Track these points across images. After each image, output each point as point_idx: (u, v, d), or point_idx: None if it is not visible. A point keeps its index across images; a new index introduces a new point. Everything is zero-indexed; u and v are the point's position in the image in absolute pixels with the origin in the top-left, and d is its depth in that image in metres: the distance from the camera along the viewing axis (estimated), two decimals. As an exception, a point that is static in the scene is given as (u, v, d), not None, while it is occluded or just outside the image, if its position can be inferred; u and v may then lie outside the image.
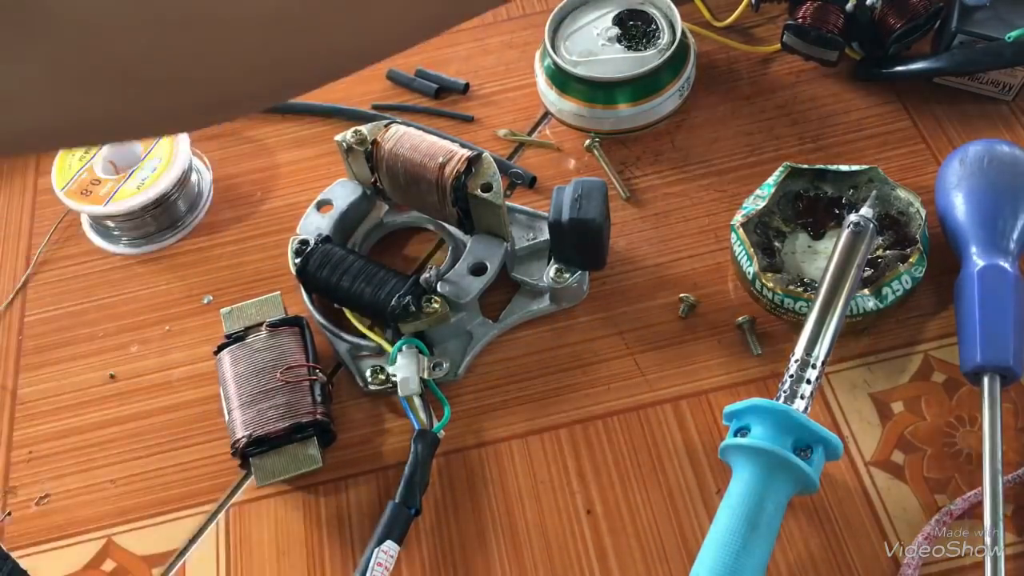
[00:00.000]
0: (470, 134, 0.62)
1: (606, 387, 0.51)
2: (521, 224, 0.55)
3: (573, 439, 0.49)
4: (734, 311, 0.52)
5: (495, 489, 0.48)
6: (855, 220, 0.48)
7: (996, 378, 0.45)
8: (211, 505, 0.50)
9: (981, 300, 0.46)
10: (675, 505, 0.46)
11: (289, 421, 0.48)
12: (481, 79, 0.64)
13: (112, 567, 0.48)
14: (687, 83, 0.59)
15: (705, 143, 0.59)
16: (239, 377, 0.50)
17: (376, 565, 0.43)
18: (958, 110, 0.58)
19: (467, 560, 0.46)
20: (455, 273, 0.51)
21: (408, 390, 0.49)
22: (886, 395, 0.48)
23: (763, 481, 0.41)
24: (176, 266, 0.59)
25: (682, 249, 0.55)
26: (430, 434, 0.48)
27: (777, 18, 0.64)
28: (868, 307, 0.48)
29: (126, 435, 0.52)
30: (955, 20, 0.56)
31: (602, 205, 0.49)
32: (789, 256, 0.52)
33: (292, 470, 0.48)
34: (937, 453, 0.46)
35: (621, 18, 0.60)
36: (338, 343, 0.53)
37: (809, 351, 0.45)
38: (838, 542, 0.44)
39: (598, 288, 0.54)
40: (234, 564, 0.48)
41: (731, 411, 0.44)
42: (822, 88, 0.60)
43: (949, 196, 0.50)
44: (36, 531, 0.50)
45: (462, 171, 0.50)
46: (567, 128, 0.61)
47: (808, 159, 0.57)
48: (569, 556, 0.46)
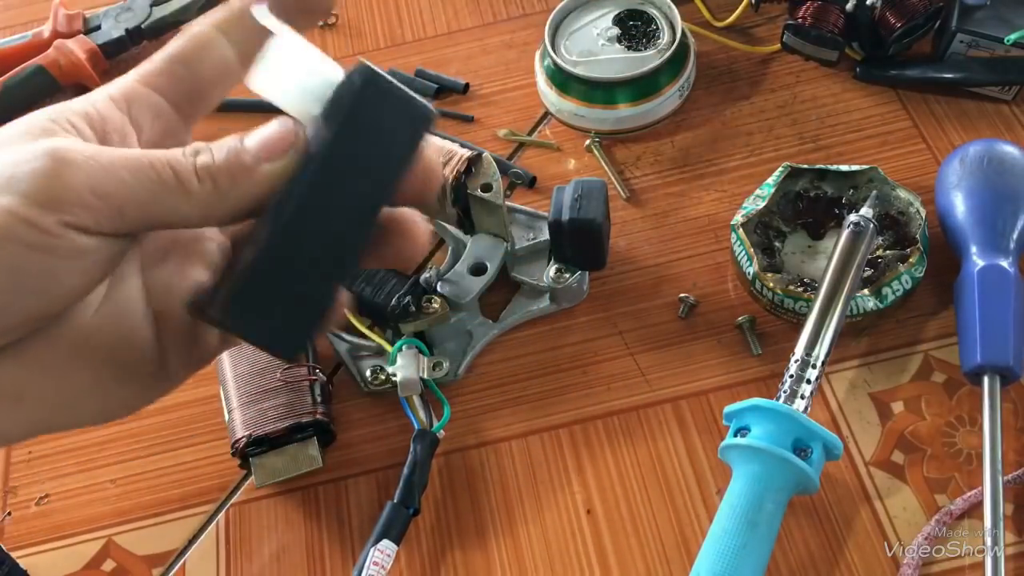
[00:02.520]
0: (470, 134, 0.62)
1: (606, 387, 0.51)
2: (521, 224, 0.55)
3: (573, 439, 0.49)
4: (734, 311, 0.52)
5: (495, 489, 0.48)
6: (855, 220, 0.48)
7: (996, 378, 0.45)
8: (211, 505, 0.50)
9: (981, 300, 0.46)
10: (675, 505, 0.46)
11: (289, 421, 0.48)
12: (481, 79, 0.64)
13: (112, 567, 0.48)
14: (687, 83, 0.59)
15: (705, 143, 0.59)
16: (239, 377, 0.50)
17: (372, 564, 0.43)
18: (958, 110, 0.58)
19: (467, 560, 0.46)
20: (455, 273, 0.51)
21: (408, 390, 0.49)
22: (886, 395, 0.48)
23: (763, 481, 0.41)
24: (176, 266, 0.59)
25: (682, 249, 0.55)
26: (430, 434, 0.48)
27: (777, 18, 0.64)
28: (868, 307, 0.48)
29: (126, 435, 0.52)
30: (955, 20, 0.56)
31: (602, 205, 0.49)
32: (789, 256, 0.52)
33: (292, 470, 0.48)
34: (937, 453, 0.46)
35: (621, 18, 0.60)
36: (338, 343, 0.53)
37: (809, 351, 0.45)
38: (838, 542, 0.44)
39: (598, 288, 0.54)
40: (234, 564, 0.48)
41: (731, 411, 0.44)
42: (822, 88, 0.60)
43: (949, 196, 0.50)
44: (36, 531, 0.50)
45: (462, 171, 0.50)
46: (567, 128, 0.61)
47: (808, 159, 0.57)
48: (569, 556, 0.46)
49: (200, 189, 0.27)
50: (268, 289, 0.28)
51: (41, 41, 0.67)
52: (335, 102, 0.29)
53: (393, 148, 0.29)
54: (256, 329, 0.28)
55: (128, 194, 0.26)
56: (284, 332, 0.29)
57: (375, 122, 0.29)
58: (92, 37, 0.67)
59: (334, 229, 0.29)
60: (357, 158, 0.29)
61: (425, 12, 0.69)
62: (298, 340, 0.30)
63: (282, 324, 0.29)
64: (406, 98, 0.29)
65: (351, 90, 0.29)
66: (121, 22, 0.67)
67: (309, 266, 0.29)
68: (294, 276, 0.28)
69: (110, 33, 0.67)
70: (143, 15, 0.68)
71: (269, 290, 0.28)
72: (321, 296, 0.29)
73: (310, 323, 0.29)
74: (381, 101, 0.29)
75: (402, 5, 0.70)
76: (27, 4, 0.75)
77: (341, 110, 0.28)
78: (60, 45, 0.66)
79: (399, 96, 0.29)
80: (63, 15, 0.68)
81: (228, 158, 0.27)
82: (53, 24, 0.68)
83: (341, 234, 0.29)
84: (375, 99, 0.29)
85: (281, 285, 0.28)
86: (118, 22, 0.67)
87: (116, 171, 0.26)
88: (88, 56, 0.65)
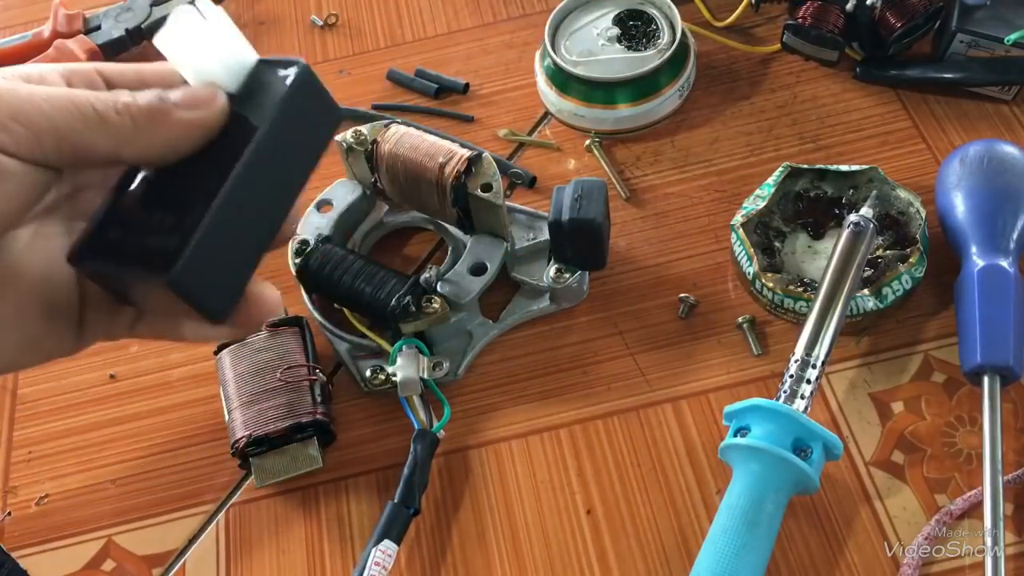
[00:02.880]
0: (470, 134, 0.62)
1: (606, 387, 0.51)
2: (521, 224, 0.55)
3: (573, 439, 0.49)
4: (734, 311, 0.52)
5: (495, 489, 0.48)
6: (855, 220, 0.48)
7: (996, 378, 0.45)
8: (211, 505, 0.50)
9: (981, 300, 0.46)
10: (675, 505, 0.46)
11: (289, 421, 0.48)
12: (481, 79, 0.64)
13: (112, 567, 0.48)
14: (687, 83, 0.59)
15: (705, 143, 0.59)
16: (239, 377, 0.50)
17: (374, 564, 0.43)
18: (958, 110, 0.58)
19: (467, 560, 0.46)
20: (455, 273, 0.51)
21: (408, 390, 0.49)
22: (886, 395, 0.48)
23: (763, 481, 0.41)
24: (176, 266, 0.59)
25: (682, 249, 0.55)
26: (430, 434, 0.48)
27: (777, 18, 0.64)
28: (868, 307, 0.48)
29: (126, 435, 0.52)
30: (955, 20, 0.56)
31: (602, 205, 0.49)
32: (789, 256, 0.52)
33: (292, 470, 0.48)
34: (937, 453, 0.46)
35: (621, 18, 0.60)
36: (338, 343, 0.53)
37: (809, 351, 0.45)
38: (838, 542, 0.44)
39: (598, 288, 0.54)
40: (234, 564, 0.48)
41: (731, 411, 0.44)
42: (822, 88, 0.60)
43: (949, 196, 0.50)
44: (36, 531, 0.50)
45: (462, 171, 0.50)
46: (567, 128, 0.61)
47: (808, 159, 0.57)
48: (569, 556, 0.46)
49: (118, 122, 0.29)
50: (214, 253, 0.30)
51: (41, 41, 0.67)
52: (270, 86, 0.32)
53: (314, 138, 0.33)
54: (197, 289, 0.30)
55: (46, 123, 0.28)
56: (218, 294, 0.31)
57: (305, 112, 0.32)
58: (92, 37, 0.67)
59: (266, 202, 0.32)
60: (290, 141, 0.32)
61: (425, 12, 0.69)
62: (227, 303, 0.32)
63: (219, 287, 0.31)
64: (330, 100, 0.33)
65: (297, 81, 0.32)
66: (121, 22, 0.67)
67: (245, 234, 0.31)
68: (232, 243, 0.31)
69: (110, 33, 0.67)
70: (143, 15, 0.68)
71: (214, 254, 0.30)
72: (247, 263, 0.32)
73: (237, 288, 0.32)
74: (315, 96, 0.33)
75: (402, 5, 0.70)
76: (27, 4, 0.75)
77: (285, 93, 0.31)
78: (60, 45, 0.66)
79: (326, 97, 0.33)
80: (63, 15, 0.68)
81: (150, 101, 0.30)
82: (53, 24, 0.68)
83: (266, 209, 0.32)
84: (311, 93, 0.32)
85: (223, 251, 0.31)
86: (118, 22, 0.68)
87: (36, 102, 0.28)
88: (88, 56, 0.65)
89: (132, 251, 0.31)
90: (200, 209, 0.30)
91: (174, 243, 0.29)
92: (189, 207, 0.30)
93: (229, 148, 0.31)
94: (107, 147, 0.29)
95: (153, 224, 0.31)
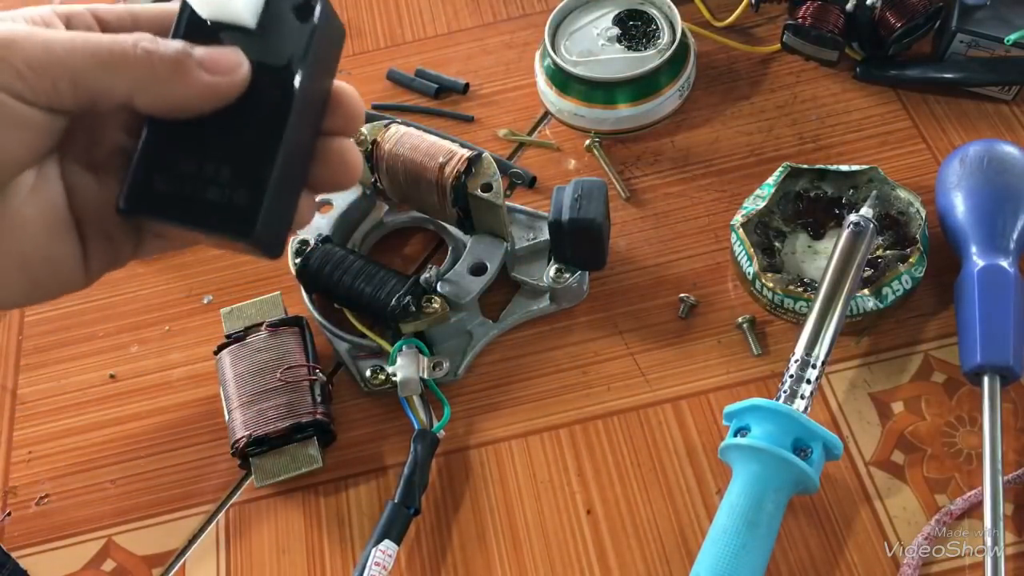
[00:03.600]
0: (470, 134, 0.62)
1: (606, 387, 0.51)
2: (521, 224, 0.55)
3: (573, 439, 0.49)
4: (734, 311, 0.52)
5: (495, 489, 0.48)
6: (855, 220, 0.48)
7: (996, 378, 0.45)
8: (211, 505, 0.50)
9: (981, 300, 0.46)
10: (675, 505, 0.46)
11: (289, 421, 0.48)
12: (481, 79, 0.64)
13: (112, 567, 0.48)
14: (687, 83, 0.59)
15: (705, 143, 0.59)
16: (239, 377, 0.50)
17: (374, 564, 0.43)
18: (958, 110, 0.58)
19: (467, 560, 0.46)
20: (455, 273, 0.51)
21: (408, 390, 0.49)
22: (886, 395, 0.48)
23: (763, 481, 0.41)
24: (176, 266, 0.59)
25: (682, 249, 0.55)
26: (430, 434, 0.48)
27: (777, 18, 0.64)
28: (868, 307, 0.48)
29: (126, 435, 0.52)
30: (955, 20, 0.56)
31: (602, 205, 0.49)
32: (789, 256, 0.52)
33: (292, 470, 0.48)
34: (937, 453, 0.46)
35: (621, 18, 0.60)
36: (338, 343, 0.53)
37: (809, 351, 0.45)
38: (838, 542, 0.44)
39: (598, 288, 0.54)
40: (234, 564, 0.48)
41: (731, 411, 0.44)
42: (822, 88, 0.60)
43: (949, 196, 0.50)
44: (36, 531, 0.50)
45: (462, 171, 0.50)
46: (567, 128, 0.61)
47: (808, 159, 0.57)
48: (569, 556, 0.46)
49: (136, 63, 0.29)
50: (277, 203, 0.31)
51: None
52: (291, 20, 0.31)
53: (333, 64, 0.33)
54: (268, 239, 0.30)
55: (62, 69, 0.28)
56: (277, 237, 0.31)
57: (330, 41, 0.32)
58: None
59: (305, 138, 0.32)
60: (320, 73, 0.32)
61: (425, 12, 0.69)
62: (284, 242, 0.32)
63: (280, 230, 0.31)
64: (338, 23, 0.32)
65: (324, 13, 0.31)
66: None
67: (294, 176, 0.31)
68: (287, 187, 0.31)
69: None
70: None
71: (277, 204, 0.31)
72: (295, 201, 0.32)
73: (289, 225, 0.32)
74: (331, 26, 0.32)
75: (402, 5, 0.70)
76: (27, 4, 0.75)
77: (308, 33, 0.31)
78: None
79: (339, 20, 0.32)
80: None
81: (174, 51, 0.29)
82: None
83: (305, 144, 0.32)
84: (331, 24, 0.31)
85: (282, 198, 0.31)
86: None
87: (54, 48, 0.28)
88: None
89: (194, 206, 0.30)
90: (260, 158, 0.30)
91: (243, 199, 0.30)
92: (246, 155, 0.30)
93: (270, 91, 0.30)
94: (123, 92, 0.29)
95: (208, 174, 0.30)
